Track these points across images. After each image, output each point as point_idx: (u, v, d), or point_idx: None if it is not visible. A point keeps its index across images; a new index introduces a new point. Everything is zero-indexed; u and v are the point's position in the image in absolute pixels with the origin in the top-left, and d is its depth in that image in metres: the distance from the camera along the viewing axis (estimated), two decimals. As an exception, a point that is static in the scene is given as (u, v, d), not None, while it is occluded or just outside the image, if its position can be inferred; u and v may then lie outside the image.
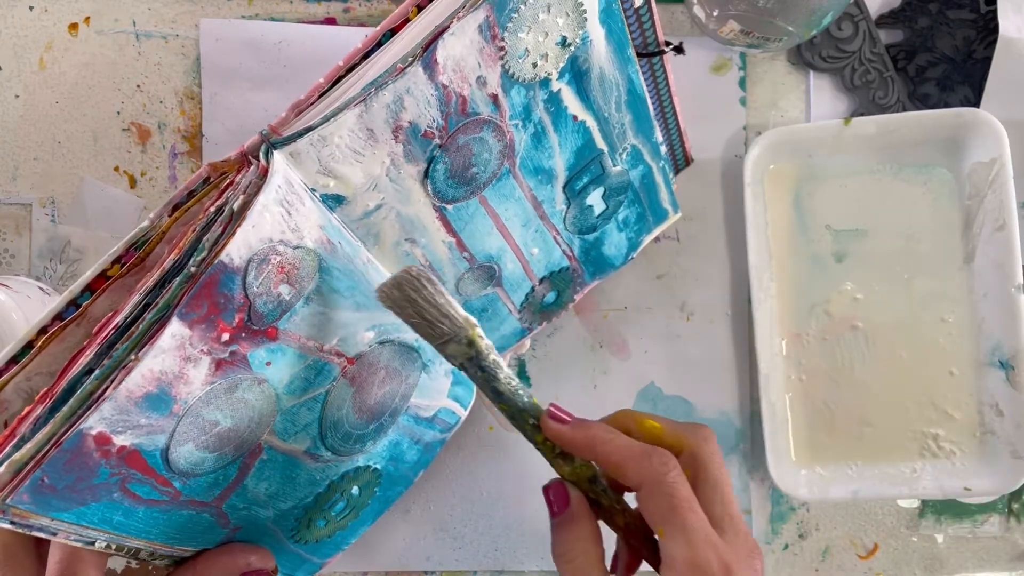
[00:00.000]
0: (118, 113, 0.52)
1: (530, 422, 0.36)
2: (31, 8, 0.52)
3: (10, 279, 0.48)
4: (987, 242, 0.51)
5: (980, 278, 0.51)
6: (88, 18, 0.52)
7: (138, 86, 0.52)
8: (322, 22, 0.52)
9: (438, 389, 0.45)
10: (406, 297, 0.34)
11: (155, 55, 0.52)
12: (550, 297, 0.48)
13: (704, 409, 0.53)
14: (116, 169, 0.52)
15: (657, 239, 0.53)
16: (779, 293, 0.52)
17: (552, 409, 0.36)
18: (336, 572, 0.52)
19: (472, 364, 0.35)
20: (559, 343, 0.53)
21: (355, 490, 0.44)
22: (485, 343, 0.35)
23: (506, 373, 0.35)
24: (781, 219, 0.52)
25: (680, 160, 0.51)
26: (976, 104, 0.52)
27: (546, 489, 0.36)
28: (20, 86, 0.52)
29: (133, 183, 0.52)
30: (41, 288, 0.49)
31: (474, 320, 0.34)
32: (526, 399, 0.36)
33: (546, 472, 0.52)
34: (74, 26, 0.52)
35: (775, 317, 0.52)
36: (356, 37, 0.52)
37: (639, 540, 0.36)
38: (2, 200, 0.52)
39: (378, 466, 0.45)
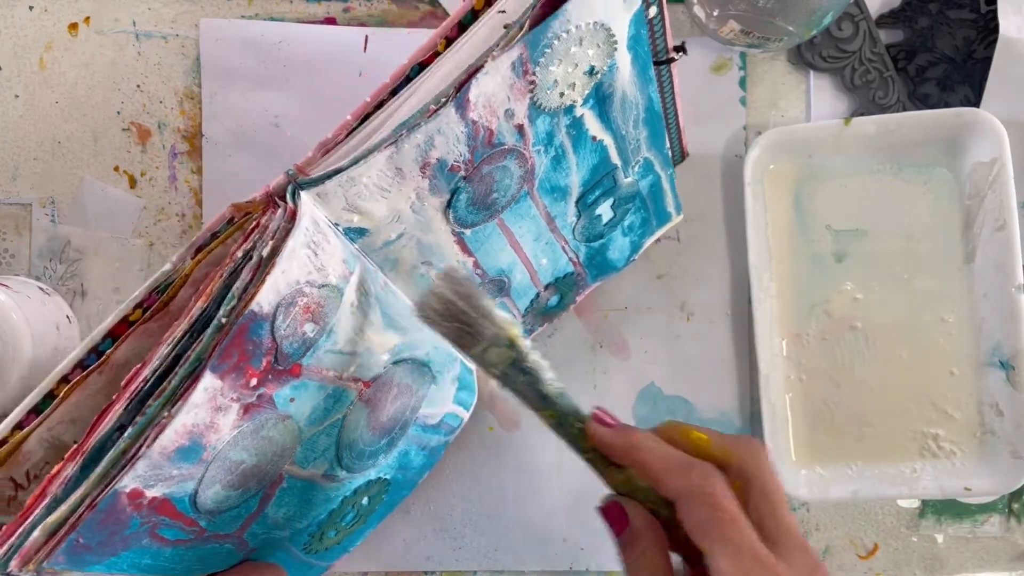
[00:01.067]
0: (118, 113, 0.52)
1: (576, 426, 0.33)
2: (31, 8, 0.52)
3: (10, 279, 0.48)
4: (987, 242, 0.51)
5: (980, 278, 0.51)
6: (88, 18, 0.52)
7: (138, 86, 0.52)
8: (322, 22, 0.52)
9: (445, 396, 0.45)
10: (445, 301, 0.32)
11: (155, 55, 0.52)
12: (553, 301, 0.48)
13: (704, 409, 0.53)
14: (116, 169, 0.52)
15: (657, 239, 0.53)
16: (779, 293, 0.52)
17: (597, 412, 0.34)
18: (336, 572, 0.52)
19: (514, 369, 0.33)
20: (559, 343, 0.53)
21: (365, 500, 0.44)
22: (527, 343, 0.33)
23: (550, 375, 0.33)
24: (781, 219, 0.52)
25: (676, 155, 0.51)
26: (976, 104, 0.52)
27: (602, 509, 0.34)
28: (20, 86, 0.52)
29: (133, 183, 0.52)
30: (41, 288, 0.49)
31: (511, 318, 0.33)
32: (571, 402, 0.34)
33: (543, 476, 0.52)
34: (74, 26, 0.52)
35: (775, 317, 0.52)
36: (356, 37, 0.52)
37: (698, 555, 0.33)
38: (2, 200, 0.52)
39: (387, 476, 0.45)
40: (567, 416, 0.33)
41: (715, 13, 0.48)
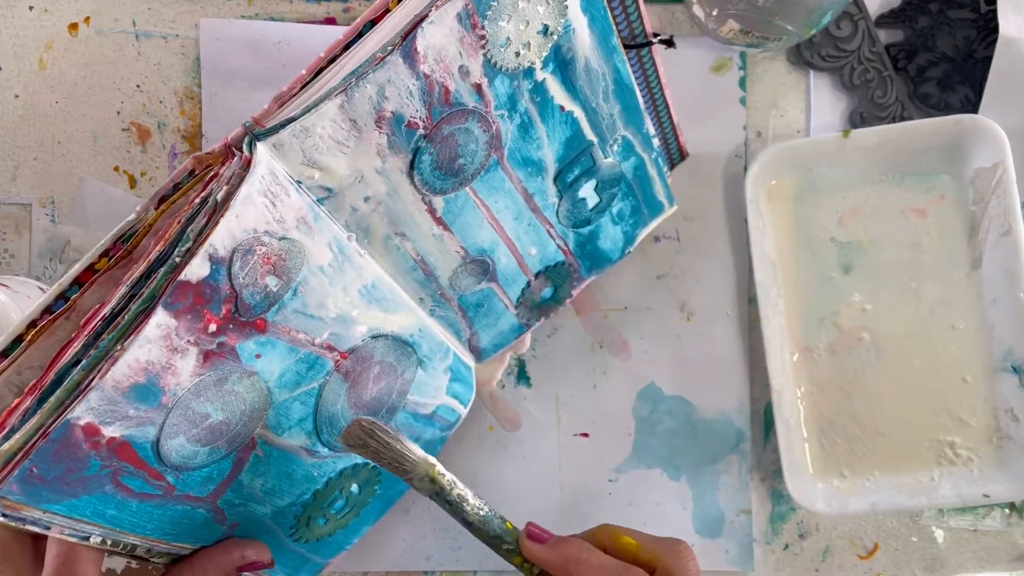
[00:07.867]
0: (118, 113, 0.52)
1: (503, 548, 0.37)
2: (31, 8, 0.52)
3: (10, 279, 0.48)
4: (993, 247, 0.50)
5: (988, 284, 0.51)
6: (88, 18, 0.52)
7: (138, 86, 0.52)
8: (322, 22, 0.52)
9: (436, 386, 0.45)
10: (363, 444, 0.35)
11: (155, 55, 0.52)
12: (547, 293, 0.48)
13: (704, 409, 0.53)
14: (116, 169, 0.52)
15: (657, 239, 0.53)
16: (787, 308, 0.52)
17: (531, 528, 0.37)
18: (336, 572, 0.52)
19: (439, 498, 0.36)
20: (559, 343, 0.53)
21: (354, 488, 0.44)
22: (447, 479, 0.36)
23: (472, 504, 0.37)
24: (785, 234, 0.52)
25: (675, 154, 0.51)
26: (976, 103, 0.52)
27: None
28: (20, 86, 0.52)
29: (133, 183, 0.52)
30: (41, 288, 0.49)
31: (432, 460, 0.36)
32: (498, 525, 0.37)
33: (543, 476, 0.52)
34: (74, 26, 0.52)
35: (784, 332, 0.52)
36: (356, 37, 0.52)
37: None
38: (2, 200, 0.52)
39: None
40: (493, 539, 0.37)
41: (714, 12, 0.48)
